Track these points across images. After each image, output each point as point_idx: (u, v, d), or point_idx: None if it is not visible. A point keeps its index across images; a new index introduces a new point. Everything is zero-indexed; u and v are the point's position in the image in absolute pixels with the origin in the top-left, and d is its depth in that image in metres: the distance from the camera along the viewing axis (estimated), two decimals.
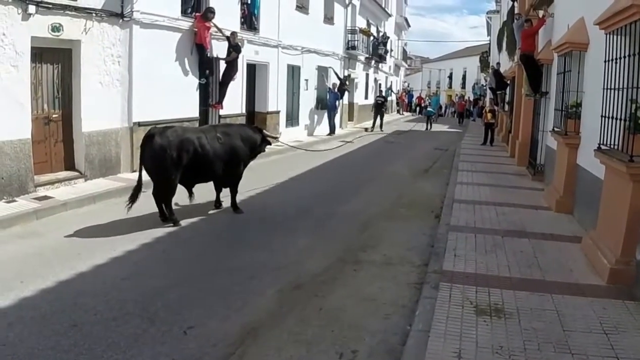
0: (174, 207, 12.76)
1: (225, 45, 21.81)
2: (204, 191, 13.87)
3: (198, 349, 6.90)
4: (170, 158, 12.12)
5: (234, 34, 21.78)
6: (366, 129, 40.52)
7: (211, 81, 21.60)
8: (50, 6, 14.13)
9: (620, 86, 9.26)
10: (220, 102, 22.14)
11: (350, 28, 40.00)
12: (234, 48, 21.79)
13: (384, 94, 49.47)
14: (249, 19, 25.09)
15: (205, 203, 14.11)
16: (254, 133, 14.25)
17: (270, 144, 15.12)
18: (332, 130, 34.53)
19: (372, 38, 46.65)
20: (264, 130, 14.88)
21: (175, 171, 12.32)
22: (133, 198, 12.43)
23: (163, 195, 12.55)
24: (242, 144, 13.69)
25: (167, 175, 12.29)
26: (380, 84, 56.15)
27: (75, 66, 15.57)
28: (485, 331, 7.10)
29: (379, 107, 42.40)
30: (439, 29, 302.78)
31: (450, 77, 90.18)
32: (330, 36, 35.64)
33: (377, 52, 48.97)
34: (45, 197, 13.76)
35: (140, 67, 17.57)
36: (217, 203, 14.19)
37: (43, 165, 14.97)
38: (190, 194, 13.49)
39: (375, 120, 42.12)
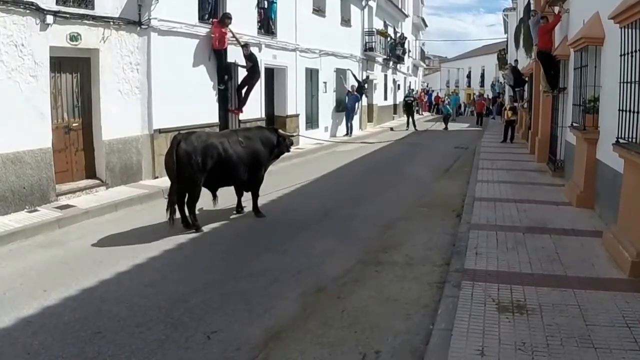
0: (196, 212, 12.80)
1: (241, 50, 21.79)
2: (225, 196, 13.87)
3: (222, 353, 6.93)
4: (196, 164, 12.16)
5: (246, 45, 21.82)
6: (391, 129, 40.75)
7: (230, 86, 21.68)
8: (68, 16, 14.25)
9: (637, 79, 9.25)
10: (240, 107, 22.18)
11: (367, 30, 40.12)
12: (248, 58, 21.85)
13: (413, 93, 49.92)
14: (266, 24, 25.12)
15: (227, 208, 14.13)
16: (271, 134, 14.30)
17: (292, 143, 15.12)
18: (349, 131, 34.57)
19: (389, 39, 46.63)
20: (280, 130, 14.88)
21: (200, 177, 12.38)
22: (171, 210, 12.39)
23: (188, 201, 12.57)
24: (262, 147, 13.76)
25: (192, 181, 12.32)
26: (410, 84, 56.51)
27: (94, 75, 15.68)
28: (507, 328, 7.08)
29: (409, 107, 43.26)
30: (456, 28, 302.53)
31: (469, 75, 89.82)
32: (347, 38, 35.69)
33: (395, 52, 48.93)
34: (67, 206, 13.86)
35: (159, 74, 17.67)
36: (239, 208, 14.21)
37: (64, 174, 15.07)
38: (214, 197, 13.51)
39: (408, 119, 43.26)
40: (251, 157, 13.39)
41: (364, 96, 36.95)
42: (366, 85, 37.44)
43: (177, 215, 12.49)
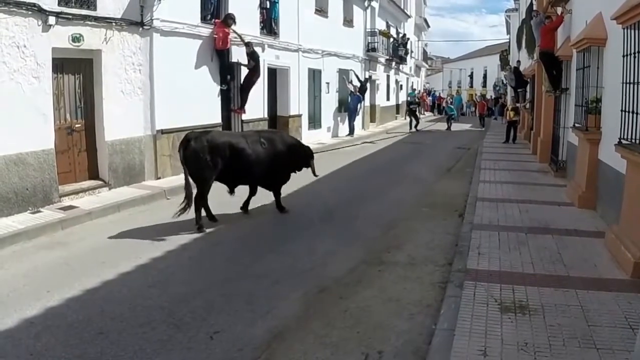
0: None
1: (244, 50, 21.80)
2: (229, 198, 13.87)
3: (224, 354, 6.95)
4: (204, 161, 12.41)
5: (249, 43, 21.85)
6: (386, 132, 40.64)
7: (232, 87, 21.68)
8: (70, 17, 14.25)
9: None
10: (242, 107, 22.19)
11: (369, 30, 40.16)
12: (251, 56, 21.86)
13: (416, 94, 50.11)
14: (269, 24, 25.19)
15: (229, 210, 14.12)
16: (299, 147, 14.61)
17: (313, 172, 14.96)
18: (351, 131, 34.57)
19: (391, 40, 46.66)
20: (312, 161, 14.79)
21: (208, 174, 12.61)
22: (187, 204, 12.62)
23: (196, 197, 12.75)
24: (285, 151, 13.94)
25: (201, 178, 12.63)
26: (412, 85, 56.90)
27: (96, 75, 15.68)
28: (510, 328, 7.10)
29: (413, 112, 43.46)
30: (458, 29, 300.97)
31: (471, 76, 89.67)
32: (350, 39, 35.71)
33: (398, 53, 49.00)
34: (70, 207, 13.86)
35: (161, 74, 17.67)
36: (246, 206, 14.35)
37: (67, 175, 15.08)
38: (231, 192, 13.76)
39: (411, 122, 43.16)
40: (270, 159, 13.57)
41: (365, 95, 36.93)
42: (368, 85, 37.41)
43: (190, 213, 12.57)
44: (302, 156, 14.48)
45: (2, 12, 12.55)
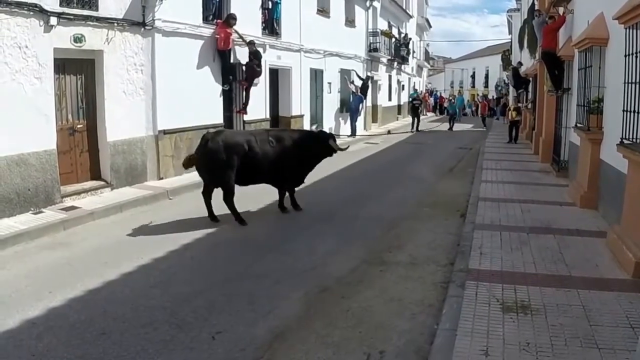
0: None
1: (247, 50, 21.80)
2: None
3: (226, 354, 6.95)
4: (221, 160, 12.60)
5: (252, 42, 21.89)
6: (389, 132, 40.57)
7: (234, 87, 21.68)
8: (72, 17, 14.24)
9: None
10: (244, 107, 22.21)
11: (371, 30, 40.16)
12: (254, 55, 21.85)
13: (418, 94, 49.98)
14: (270, 24, 25.16)
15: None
16: (312, 141, 14.39)
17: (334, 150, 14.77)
18: (353, 131, 34.51)
19: (393, 40, 46.65)
20: (332, 142, 14.52)
21: (227, 172, 12.77)
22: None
23: (223, 197, 13.04)
24: (294, 148, 13.87)
25: (220, 176, 12.84)
26: (414, 85, 56.93)
27: (98, 76, 15.67)
28: (512, 328, 7.10)
29: (415, 110, 43.15)
30: (460, 29, 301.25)
31: (473, 76, 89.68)
32: (352, 39, 35.72)
33: (399, 53, 49.00)
34: (72, 208, 13.85)
35: (163, 75, 17.66)
36: (293, 203, 14.63)
37: (69, 175, 15.07)
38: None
39: (413, 121, 43.07)
40: (280, 157, 13.60)
41: (367, 94, 36.99)
42: (369, 83, 37.40)
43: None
44: (316, 149, 14.34)
45: (4, 13, 12.55)
